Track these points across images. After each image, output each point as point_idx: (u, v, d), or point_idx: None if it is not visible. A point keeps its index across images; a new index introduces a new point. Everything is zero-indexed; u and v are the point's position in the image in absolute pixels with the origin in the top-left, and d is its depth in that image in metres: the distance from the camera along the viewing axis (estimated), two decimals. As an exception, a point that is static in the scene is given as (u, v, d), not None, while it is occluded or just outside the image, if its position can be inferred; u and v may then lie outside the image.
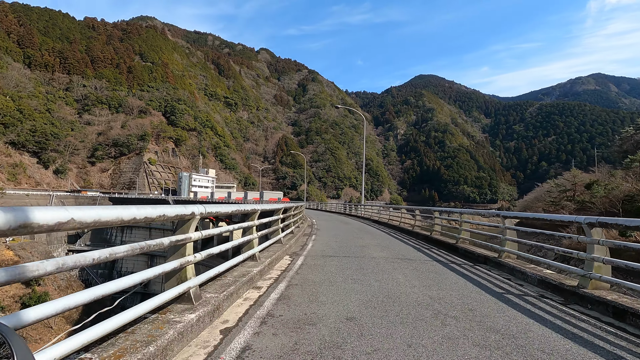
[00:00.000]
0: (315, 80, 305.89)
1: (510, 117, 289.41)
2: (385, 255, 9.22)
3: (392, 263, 8.09)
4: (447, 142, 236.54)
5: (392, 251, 10.14)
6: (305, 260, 8.15)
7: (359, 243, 11.67)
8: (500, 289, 5.83)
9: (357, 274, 6.68)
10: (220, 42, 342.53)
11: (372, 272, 6.86)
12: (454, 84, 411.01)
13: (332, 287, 5.56)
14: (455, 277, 6.76)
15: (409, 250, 10.47)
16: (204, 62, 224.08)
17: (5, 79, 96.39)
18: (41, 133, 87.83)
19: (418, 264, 8.15)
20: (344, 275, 6.54)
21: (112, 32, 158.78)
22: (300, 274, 6.56)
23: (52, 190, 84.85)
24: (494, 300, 5.12)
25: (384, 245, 11.39)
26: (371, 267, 7.50)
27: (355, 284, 5.81)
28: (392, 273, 6.89)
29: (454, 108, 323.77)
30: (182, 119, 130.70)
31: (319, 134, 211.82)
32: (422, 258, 9.07)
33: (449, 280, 6.43)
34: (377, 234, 14.89)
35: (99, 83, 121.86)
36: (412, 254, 9.68)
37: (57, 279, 58.65)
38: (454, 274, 7.01)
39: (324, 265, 7.56)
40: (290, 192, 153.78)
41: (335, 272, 6.81)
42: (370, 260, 8.30)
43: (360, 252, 9.69)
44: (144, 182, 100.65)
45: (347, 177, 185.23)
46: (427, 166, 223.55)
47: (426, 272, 7.10)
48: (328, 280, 6.09)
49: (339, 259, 8.37)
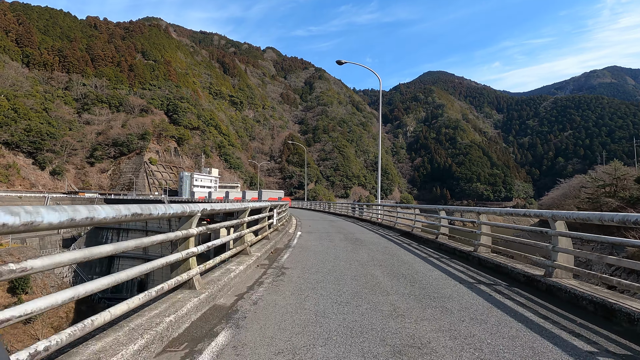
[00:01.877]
0: (322, 78, 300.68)
1: (523, 112, 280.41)
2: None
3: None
4: (458, 139, 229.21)
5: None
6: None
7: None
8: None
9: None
10: (227, 41, 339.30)
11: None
12: (464, 80, 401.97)
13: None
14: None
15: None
16: (209, 60, 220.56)
17: (1, 77, 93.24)
18: (36, 132, 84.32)
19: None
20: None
21: (114, 31, 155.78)
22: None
23: (48, 192, 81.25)
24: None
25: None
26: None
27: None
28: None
29: (465, 104, 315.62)
30: (184, 118, 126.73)
31: (327, 132, 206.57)
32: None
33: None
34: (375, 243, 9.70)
35: (99, 82, 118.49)
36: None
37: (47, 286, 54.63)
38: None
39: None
40: (297, 192, 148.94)
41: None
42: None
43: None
44: (144, 183, 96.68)
45: (356, 176, 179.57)
46: (438, 163, 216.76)
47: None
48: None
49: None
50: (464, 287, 5.46)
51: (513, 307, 4.45)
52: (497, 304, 4.59)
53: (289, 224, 16.62)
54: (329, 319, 3.90)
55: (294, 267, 6.95)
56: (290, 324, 3.76)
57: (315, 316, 4.01)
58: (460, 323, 3.82)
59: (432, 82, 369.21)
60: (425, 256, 8.70)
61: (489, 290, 5.30)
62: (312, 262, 7.50)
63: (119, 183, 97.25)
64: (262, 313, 4.10)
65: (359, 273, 6.43)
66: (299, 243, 10.75)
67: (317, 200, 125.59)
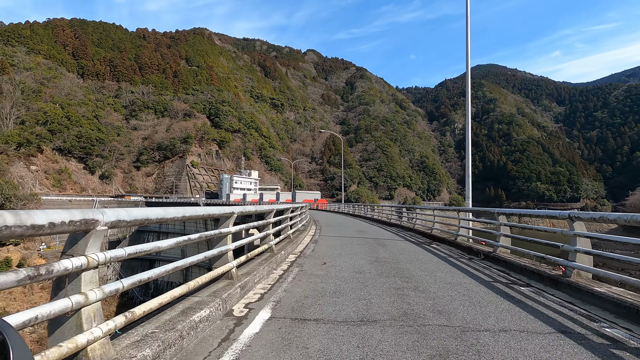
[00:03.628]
0: (364, 77, 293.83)
1: (589, 104, 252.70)
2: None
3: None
4: (513, 135, 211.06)
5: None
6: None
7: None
8: None
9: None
10: (268, 46, 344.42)
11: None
12: (518, 72, 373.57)
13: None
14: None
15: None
16: (250, 64, 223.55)
17: (57, 88, 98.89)
18: (86, 138, 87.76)
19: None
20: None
21: (161, 40, 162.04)
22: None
23: (96, 196, 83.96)
24: None
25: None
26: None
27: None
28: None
29: (520, 97, 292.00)
30: (225, 121, 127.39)
31: (369, 132, 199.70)
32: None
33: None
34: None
35: (145, 89, 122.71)
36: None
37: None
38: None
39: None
40: (338, 193, 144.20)
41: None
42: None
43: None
44: (186, 186, 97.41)
45: (401, 176, 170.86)
46: (490, 162, 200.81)
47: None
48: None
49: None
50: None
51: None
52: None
53: (305, 232, 12.96)
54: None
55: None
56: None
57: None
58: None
59: (482, 75, 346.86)
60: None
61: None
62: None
63: (162, 186, 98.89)
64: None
65: None
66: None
67: (360, 202, 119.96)
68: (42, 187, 74.62)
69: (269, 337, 3.51)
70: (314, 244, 10.83)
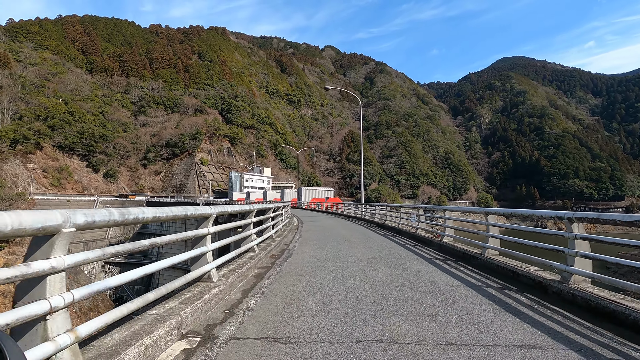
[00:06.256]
0: (384, 71, 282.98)
1: (630, 94, 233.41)
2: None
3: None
4: (546, 129, 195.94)
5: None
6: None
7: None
8: None
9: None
10: (285, 43, 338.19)
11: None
12: (547, 64, 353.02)
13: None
14: None
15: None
16: (266, 60, 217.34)
17: (62, 83, 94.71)
18: (89, 135, 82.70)
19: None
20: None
21: (173, 36, 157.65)
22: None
23: (98, 196, 78.69)
24: None
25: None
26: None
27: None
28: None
29: (551, 89, 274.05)
30: (238, 116, 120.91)
31: (390, 127, 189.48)
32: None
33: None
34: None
35: (155, 84, 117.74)
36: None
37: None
38: None
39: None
40: (358, 192, 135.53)
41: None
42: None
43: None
44: (194, 184, 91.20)
45: (424, 174, 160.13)
46: (521, 158, 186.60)
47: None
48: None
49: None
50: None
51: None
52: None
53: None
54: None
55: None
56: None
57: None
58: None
59: (509, 68, 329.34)
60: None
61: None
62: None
63: (170, 185, 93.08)
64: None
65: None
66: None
67: (381, 201, 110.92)
68: (39, 187, 69.68)
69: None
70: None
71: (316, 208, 38.90)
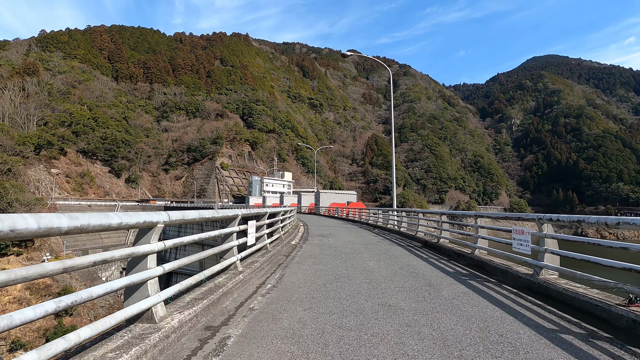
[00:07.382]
0: (408, 74, 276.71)
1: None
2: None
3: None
4: (584, 129, 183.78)
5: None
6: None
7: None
8: None
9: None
10: (307, 48, 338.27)
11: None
12: (583, 61, 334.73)
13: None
14: None
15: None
16: (288, 65, 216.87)
17: (88, 90, 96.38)
18: (112, 140, 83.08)
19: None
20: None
21: (197, 43, 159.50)
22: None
23: (120, 200, 78.57)
24: None
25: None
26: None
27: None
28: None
29: (588, 88, 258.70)
30: (259, 120, 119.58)
31: (415, 130, 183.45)
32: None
33: None
34: None
35: (178, 89, 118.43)
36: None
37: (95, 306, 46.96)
38: None
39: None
40: (382, 197, 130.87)
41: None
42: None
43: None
44: (214, 189, 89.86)
45: (452, 178, 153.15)
46: (557, 160, 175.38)
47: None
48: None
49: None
50: None
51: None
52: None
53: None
54: None
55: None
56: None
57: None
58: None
59: (541, 67, 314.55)
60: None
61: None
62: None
63: (191, 190, 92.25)
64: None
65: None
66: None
67: (407, 206, 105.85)
68: (61, 191, 69.99)
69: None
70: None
71: (335, 214, 35.34)
